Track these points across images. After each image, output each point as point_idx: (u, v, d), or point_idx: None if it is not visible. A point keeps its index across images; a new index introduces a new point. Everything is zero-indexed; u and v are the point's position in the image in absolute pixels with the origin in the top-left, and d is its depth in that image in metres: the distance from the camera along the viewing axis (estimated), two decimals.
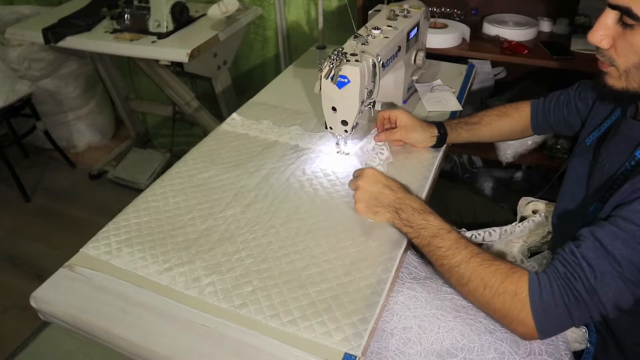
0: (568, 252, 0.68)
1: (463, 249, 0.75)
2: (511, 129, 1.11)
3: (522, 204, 1.05)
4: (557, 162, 1.68)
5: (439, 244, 0.77)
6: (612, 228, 0.65)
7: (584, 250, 0.66)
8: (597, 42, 0.72)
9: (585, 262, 0.65)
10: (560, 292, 0.66)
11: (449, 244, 0.76)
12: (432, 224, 0.80)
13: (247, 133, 1.15)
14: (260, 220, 0.89)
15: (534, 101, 1.09)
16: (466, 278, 0.73)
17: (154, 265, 0.81)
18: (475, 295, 0.73)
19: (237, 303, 0.74)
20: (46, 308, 0.77)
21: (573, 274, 0.66)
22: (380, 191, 0.86)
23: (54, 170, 2.45)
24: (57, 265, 0.82)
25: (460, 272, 0.74)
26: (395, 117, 1.05)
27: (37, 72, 2.21)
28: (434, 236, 0.78)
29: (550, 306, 0.66)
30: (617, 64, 0.72)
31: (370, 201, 0.86)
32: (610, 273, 0.64)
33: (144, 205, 0.94)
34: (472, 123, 1.10)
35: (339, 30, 1.90)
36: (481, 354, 0.75)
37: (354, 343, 0.67)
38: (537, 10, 1.74)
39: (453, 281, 0.77)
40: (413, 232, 0.81)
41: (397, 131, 1.05)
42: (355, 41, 0.97)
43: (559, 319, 0.66)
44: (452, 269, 0.75)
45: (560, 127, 1.06)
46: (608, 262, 0.64)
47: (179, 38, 1.65)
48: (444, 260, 0.76)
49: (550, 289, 0.66)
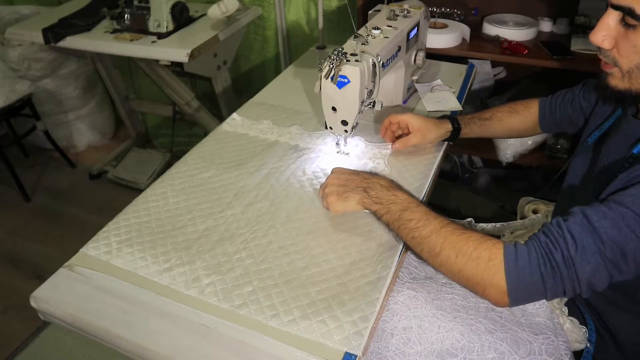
0: (554, 224, 0.68)
1: (433, 220, 0.75)
2: (521, 126, 1.11)
3: (522, 204, 1.05)
4: (557, 162, 1.68)
5: (409, 217, 0.77)
6: (602, 208, 0.65)
7: (571, 224, 0.66)
8: (598, 42, 0.72)
9: (569, 234, 0.65)
10: (537, 260, 0.65)
11: (419, 215, 0.76)
12: (401, 198, 0.80)
13: (247, 133, 1.15)
14: (261, 220, 0.89)
15: (542, 99, 1.09)
16: (438, 248, 0.72)
17: (154, 265, 0.81)
18: (447, 265, 0.72)
19: (237, 303, 0.74)
20: (46, 308, 0.76)
21: (554, 243, 0.65)
22: (346, 178, 0.87)
23: (54, 170, 2.45)
24: (57, 265, 0.82)
25: (432, 243, 0.73)
26: (405, 122, 1.03)
27: (37, 72, 2.21)
28: (403, 210, 0.78)
29: (525, 272, 0.66)
30: (620, 65, 0.72)
31: (339, 190, 0.86)
32: (591, 248, 0.63)
33: (144, 205, 0.94)
34: (485, 119, 1.10)
35: (339, 30, 1.90)
36: (481, 354, 0.75)
37: (354, 342, 0.67)
38: (537, 10, 1.74)
39: (425, 253, 0.75)
40: (383, 208, 0.81)
41: (412, 137, 1.03)
42: (355, 41, 0.97)
43: (531, 287, 0.66)
44: (423, 240, 0.74)
45: (566, 125, 1.06)
46: (592, 237, 0.64)
47: (179, 38, 1.65)
48: (415, 233, 0.75)
49: (527, 256, 0.66)
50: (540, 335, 0.78)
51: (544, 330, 0.79)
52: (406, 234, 0.77)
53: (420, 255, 0.77)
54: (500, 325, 0.78)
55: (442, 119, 1.07)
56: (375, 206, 0.82)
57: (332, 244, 0.84)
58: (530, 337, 0.77)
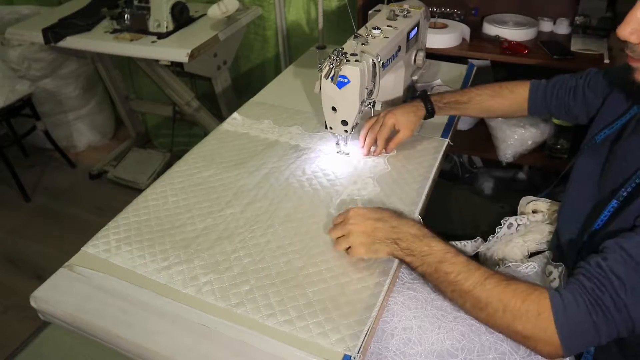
0: (594, 265, 0.65)
1: (475, 271, 0.70)
2: (502, 110, 1.09)
3: (523, 203, 1.05)
4: (558, 162, 1.68)
5: (448, 269, 0.72)
6: (638, 238, 0.63)
7: (612, 263, 0.63)
8: (626, 36, 0.68)
9: (614, 276, 0.62)
10: (587, 307, 0.63)
11: (458, 268, 0.71)
12: (436, 249, 0.74)
13: (248, 132, 1.15)
14: (259, 220, 0.89)
15: (535, 83, 1.06)
16: (483, 301, 0.68)
17: (152, 264, 0.81)
18: (495, 319, 0.68)
19: (234, 302, 0.74)
20: (46, 308, 0.76)
21: (600, 288, 0.62)
22: (373, 227, 0.79)
23: (54, 170, 2.45)
24: (57, 265, 0.82)
25: (476, 296, 0.69)
26: (392, 124, 1.04)
27: (37, 72, 2.21)
28: (440, 262, 0.73)
29: (576, 323, 0.63)
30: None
31: (366, 241, 0.79)
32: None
33: (143, 204, 0.94)
34: (462, 102, 1.08)
35: (339, 30, 1.90)
36: (481, 354, 0.75)
37: (350, 343, 0.67)
38: (537, 10, 1.74)
39: (468, 307, 0.71)
40: (416, 260, 0.75)
41: (401, 134, 1.04)
42: (355, 41, 0.97)
43: (585, 336, 0.63)
44: (466, 293, 0.70)
45: (561, 113, 1.03)
46: (638, 275, 0.61)
47: (179, 38, 1.65)
48: (456, 286, 0.71)
49: (575, 305, 0.63)
50: None
51: None
52: (445, 287, 0.73)
53: (462, 308, 0.73)
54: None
55: (416, 103, 1.07)
56: (408, 258, 0.76)
57: (330, 245, 0.84)
58: None
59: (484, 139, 1.76)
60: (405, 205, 0.92)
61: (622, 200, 0.72)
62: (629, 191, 0.71)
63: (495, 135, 1.72)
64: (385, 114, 1.05)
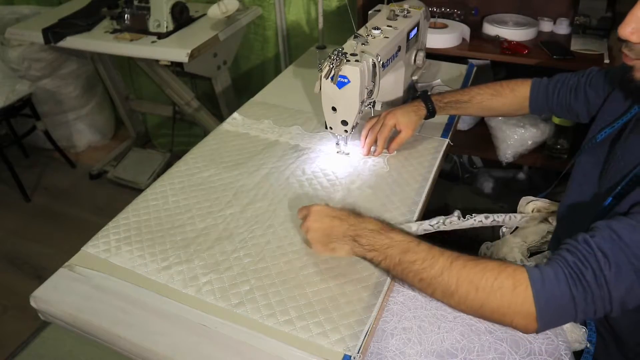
0: (581, 241, 0.64)
1: (440, 256, 0.68)
2: (505, 108, 1.09)
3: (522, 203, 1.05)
4: (557, 162, 1.68)
5: (412, 258, 0.70)
6: (630, 221, 0.62)
7: (599, 240, 0.62)
8: (627, 35, 0.68)
9: (600, 252, 0.61)
10: (567, 281, 0.61)
11: (422, 255, 0.69)
12: (397, 239, 0.73)
13: (248, 132, 1.15)
14: (259, 220, 0.89)
15: (536, 81, 1.06)
16: (453, 285, 0.66)
17: (152, 264, 0.81)
18: (467, 302, 0.66)
19: (234, 302, 0.74)
20: (46, 308, 0.77)
21: (584, 262, 0.61)
22: (329, 225, 0.78)
23: (54, 170, 2.45)
24: (57, 265, 0.82)
25: (445, 281, 0.67)
26: (392, 124, 1.04)
27: (37, 72, 2.21)
28: (403, 252, 0.71)
29: (555, 295, 0.62)
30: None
31: (324, 239, 0.79)
32: (626, 266, 0.60)
33: (143, 204, 0.94)
34: (463, 101, 1.08)
35: (339, 30, 1.90)
36: (481, 354, 0.75)
37: (350, 343, 0.67)
38: (537, 10, 1.74)
39: (438, 294, 0.68)
40: (379, 254, 0.73)
41: (403, 135, 1.04)
42: (355, 41, 0.97)
43: (562, 310, 0.62)
44: (434, 279, 0.68)
45: (562, 111, 1.03)
46: (624, 254, 0.60)
47: (179, 38, 1.65)
48: (423, 274, 0.68)
49: (555, 278, 0.62)
50: (540, 336, 0.77)
51: None
52: (412, 277, 0.70)
53: (432, 296, 0.70)
54: (499, 325, 0.78)
55: (416, 103, 1.07)
56: (370, 254, 0.74)
57: None
58: (530, 337, 0.77)
59: (484, 139, 1.76)
60: (405, 205, 0.92)
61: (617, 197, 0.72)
62: (623, 187, 0.71)
63: (495, 135, 1.72)
64: (386, 114, 1.05)
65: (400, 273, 0.72)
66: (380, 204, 0.92)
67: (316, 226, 0.79)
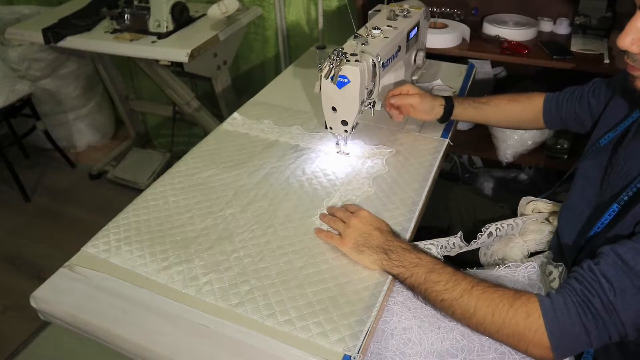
0: (586, 269, 0.66)
1: (462, 280, 0.72)
2: (520, 116, 1.11)
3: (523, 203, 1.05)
4: (558, 162, 1.68)
5: (436, 279, 0.74)
6: (635, 245, 0.63)
7: (604, 267, 0.63)
8: (627, 46, 0.69)
9: (604, 279, 0.63)
10: (576, 309, 0.63)
11: (446, 277, 0.73)
12: (425, 260, 0.76)
13: (248, 132, 1.15)
14: (259, 220, 0.89)
15: (549, 94, 1.08)
16: (472, 308, 0.70)
17: (152, 264, 0.81)
18: (485, 325, 0.69)
19: (234, 302, 0.74)
20: (46, 308, 0.77)
21: (590, 290, 0.63)
22: (370, 232, 0.82)
23: (54, 170, 2.45)
24: (57, 265, 0.82)
25: (465, 303, 0.70)
26: (406, 90, 1.07)
27: (37, 72, 2.21)
28: (429, 272, 0.75)
29: (567, 325, 0.64)
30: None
31: (359, 240, 0.81)
32: (630, 290, 0.61)
33: (143, 204, 0.94)
34: (481, 102, 1.10)
35: (339, 30, 1.90)
36: (481, 354, 0.75)
37: (350, 343, 0.67)
38: (537, 10, 1.74)
39: (458, 315, 0.72)
40: (406, 271, 0.76)
41: (410, 97, 1.06)
42: (355, 41, 0.97)
43: (575, 339, 0.64)
44: (455, 301, 0.71)
45: (571, 122, 1.05)
46: (629, 278, 0.61)
47: (179, 38, 1.65)
48: (445, 295, 0.72)
49: (565, 307, 0.64)
50: None
51: None
52: (434, 297, 0.74)
53: (452, 317, 0.74)
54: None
55: (437, 95, 1.10)
56: (397, 269, 0.77)
57: (330, 245, 0.84)
58: None
59: (484, 139, 1.76)
60: (405, 205, 0.92)
61: (623, 204, 0.72)
62: (630, 195, 0.71)
63: (495, 135, 1.72)
64: (406, 85, 1.08)
65: (424, 292, 0.75)
66: (380, 204, 0.93)
67: (359, 226, 0.83)
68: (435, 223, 1.18)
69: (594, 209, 0.82)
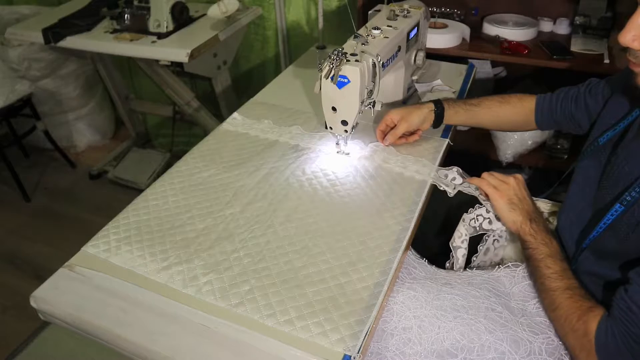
0: (619, 297, 0.69)
1: (566, 279, 0.78)
2: (512, 118, 1.10)
3: None
4: (558, 162, 1.68)
5: (550, 265, 0.80)
6: None
7: (632, 294, 0.67)
8: (628, 43, 0.69)
9: (635, 306, 0.66)
10: (621, 337, 0.67)
11: (558, 268, 0.80)
12: (552, 245, 0.83)
13: (248, 132, 1.15)
14: (259, 220, 0.89)
15: (540, 96, 1.08)
16: (556, 305, 0.77)
17: (152, 264, 0.81)
18: (558, 324, 0.77)
19: (234, 302, 0.74)
20: (46, 308, 0.76)
21: (627, 319, 0.66)
22: (524, 197, 0.90)
23: (54, 170, 2.45)
24: (57, 265, 0.82)
25: (554, 298, 0.77)
26: (390, 120, 1.06)
27: (37, 72, 2.21)
28: (550, 256, 0.81)
29: (614, 351, 0.67)
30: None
31: (514, 198, 0.89)
32: None
33: (143, 204, 0.94)
34: (472, 104, 1.10)
35: (339, 30, 1.90)
36: (481, 354, 0.75)
37: (350, 344, 0.67)
38: (537, 10, 1.74)
39: (545, 303, 0.80)
40: (534, 243, 0.84)
41: (398, 127, 1.05)
42: (355, 41, 0.97)
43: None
44: (549, 291, 0.78)
45: (567, 123, 1.05)
46: None
47: (179, 38, 1.65)
48: (546, 281, 0.79)
49: (613, 334, 0.67)
50: (540, 335, 0.78)
51: (544, 330, 0.79)
52: (538, 277, 0.81)
53: (541, 302, 0.82)
54: (500, 325, 0.78)
55: (423, 103, 1.09)
56: (529, 237, 0.85)
57: (330, 245, 0.84)
58: (530, 336, 0.77)
59: (484, 139, 1.76)
60: (405, 205, 0.92)
61: (626, 204, 0.73)
62: (633, 195, 0.71)
63: (495, 135, 1.72)
64: (389, 112, 1.07)
65: (535, 267, 0.83)
66: (380, 204, 0.92)
67: (516, 187, 0.91)
68: (435, 223, 1.18)
69: (594, 209, 0.82)
